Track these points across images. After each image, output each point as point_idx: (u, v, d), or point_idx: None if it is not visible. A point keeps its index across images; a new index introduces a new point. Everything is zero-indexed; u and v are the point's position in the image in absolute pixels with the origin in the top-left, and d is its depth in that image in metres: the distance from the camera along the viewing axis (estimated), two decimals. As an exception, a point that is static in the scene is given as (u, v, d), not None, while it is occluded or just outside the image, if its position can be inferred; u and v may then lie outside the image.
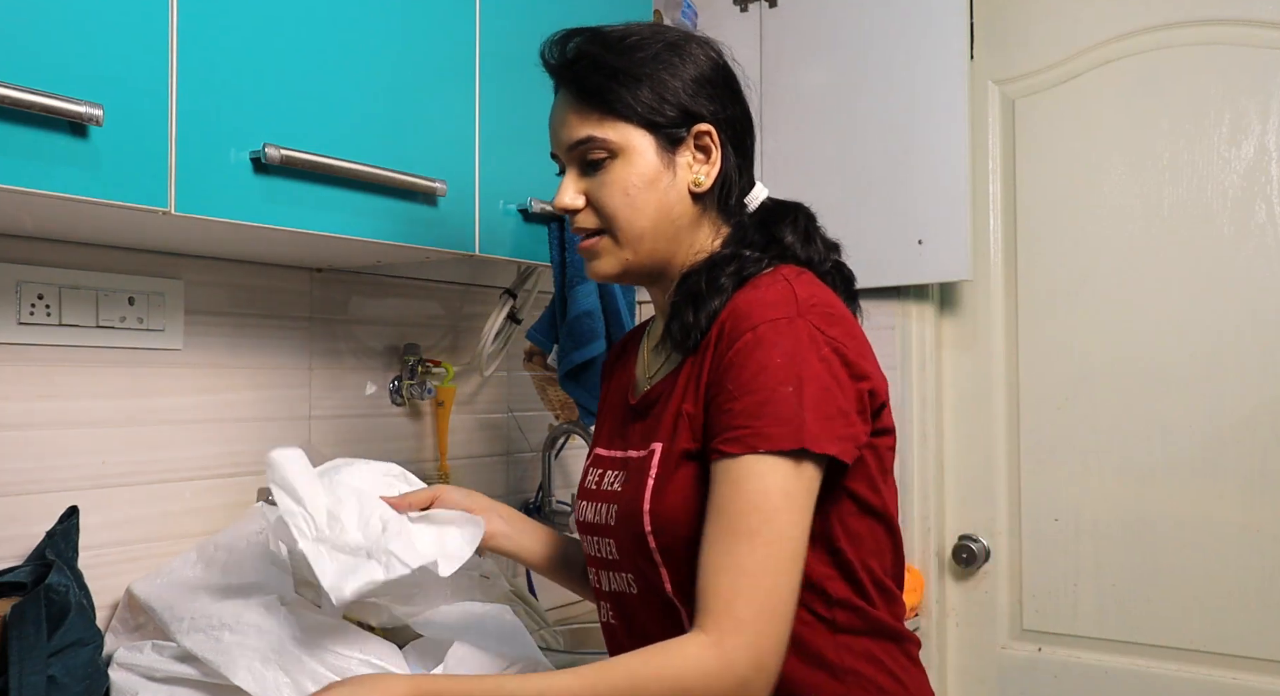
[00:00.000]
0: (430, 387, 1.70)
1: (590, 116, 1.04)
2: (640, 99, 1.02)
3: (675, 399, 1.01)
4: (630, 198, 1.03)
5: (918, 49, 1.92)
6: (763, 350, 0.93)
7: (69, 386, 1.28)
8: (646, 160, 1.03)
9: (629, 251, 1.05)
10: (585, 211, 1.06)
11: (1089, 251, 1.89)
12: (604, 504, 1.06)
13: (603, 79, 1.03)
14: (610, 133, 1.03)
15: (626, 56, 1.03)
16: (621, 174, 1.03)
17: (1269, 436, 1.73)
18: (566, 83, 1.06)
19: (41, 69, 0.91)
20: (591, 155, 1.04)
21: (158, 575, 1.30)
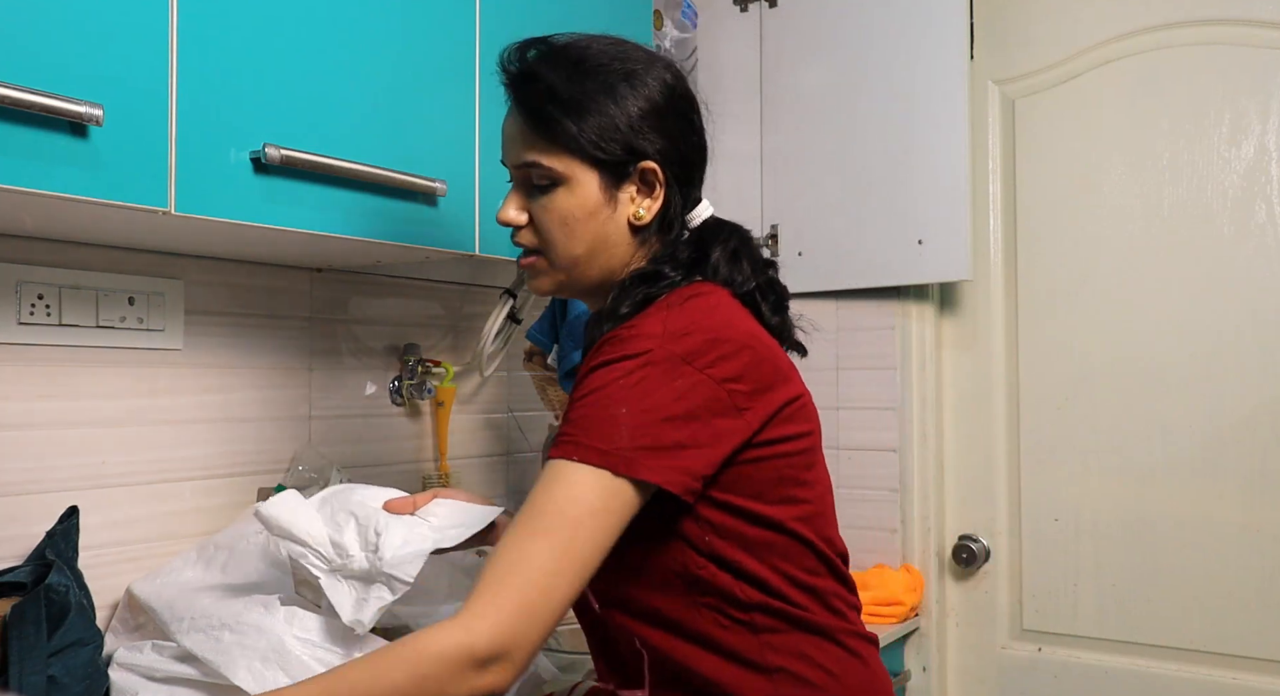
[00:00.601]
0: (430, 387, 1.70)
1: (537, 143, 1.05)
2: (586, 134, 1.03)
3: None
4: (568, 227, 1.05)
5: (918, 49, 1.92)
6: (612, 370, 0.94)
7: (69, 386, 1.28)
8: (588, 193, 1.05)
9: (562, 274, 1.09)
10: (526, 229, 1.09)
11: (1089, 251, 1.89)
12: None
13: (553, 109, 1.03)
14: (555, 163, 1.04)
15: (578, 84, 1.04)
16: (563, 203, 1.05)
17: (1269, 436, 1.73)
18: (519, 100, 1.07)
19: (41, 69, 0.91)
20: (536, 179, 1.06)
21: (158, 575, 1.30)
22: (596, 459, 0.90)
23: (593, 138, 1.03)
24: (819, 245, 2.00)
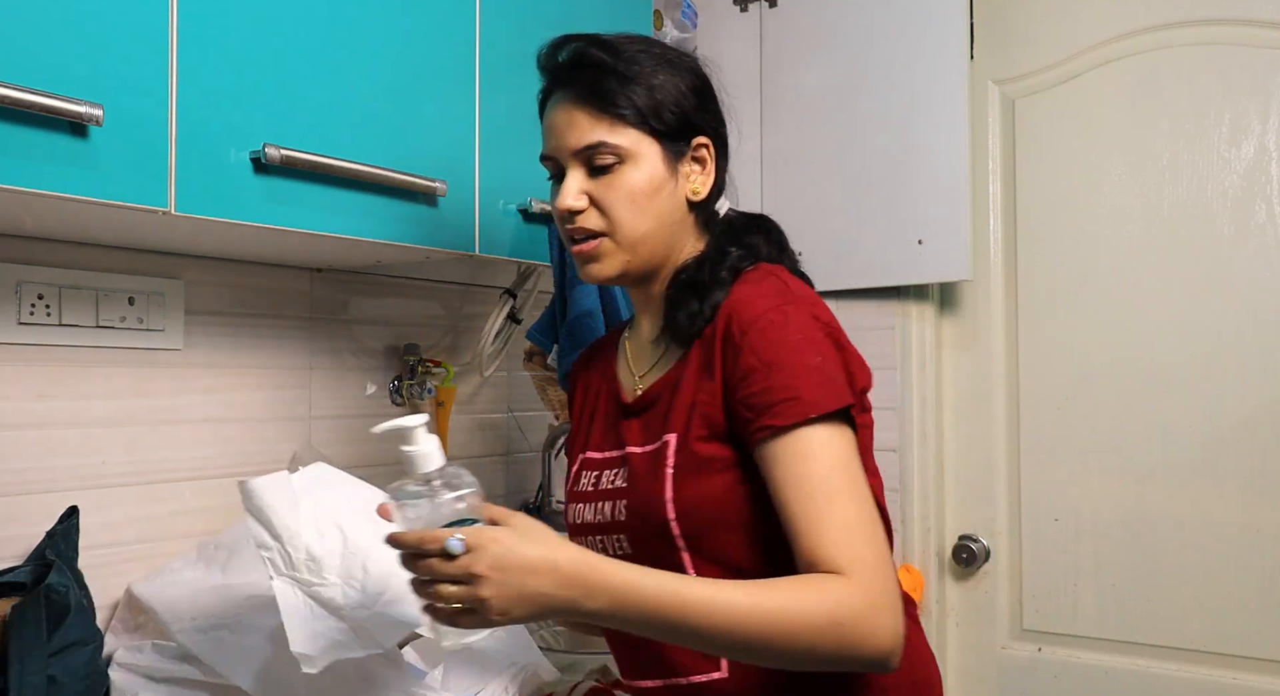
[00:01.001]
0: (430, 387, 1.70)
1: (601, 121, 1.06)
2: (650, 106, 1.07)
3: (684, 392, 1.05)
4: (636, 203, 1.07)
5: (918, 49, 1.92)
6: (777, 330, 0.99)
7: (69, 386, 1.28)
8: (654, 167, 1.07)
9: (628, 254, 1.09)
10: (588, 212, 1.08)
11: (1089, 251, 1.89)
12: (607, 502, 1.08)
13: (615, 84, 1.06)
14: (622, 138, 1.06)
15: (635, 64, 1.07)
16: (630, 179, 1.07)
17: (1269, 436, 1.73)
18: (573, 85, 1.08)
19: (41, 69, 0.91)
20: (599, 160, 1.06)
21: (158, 575, 1.30)
22: (833, 404, 0.97)
23: (654, 108, 1.07)
24: (819, 245, 2.00)
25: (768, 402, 0.97)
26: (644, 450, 1.07)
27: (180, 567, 1.31)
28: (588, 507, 1.11)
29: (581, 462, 1.16)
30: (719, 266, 1.08)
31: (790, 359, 0.98)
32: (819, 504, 0.95)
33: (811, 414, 0.96)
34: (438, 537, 0.87)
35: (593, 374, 1.24)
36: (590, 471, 1.14)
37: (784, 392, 0.96)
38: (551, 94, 1.11)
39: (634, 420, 1.11)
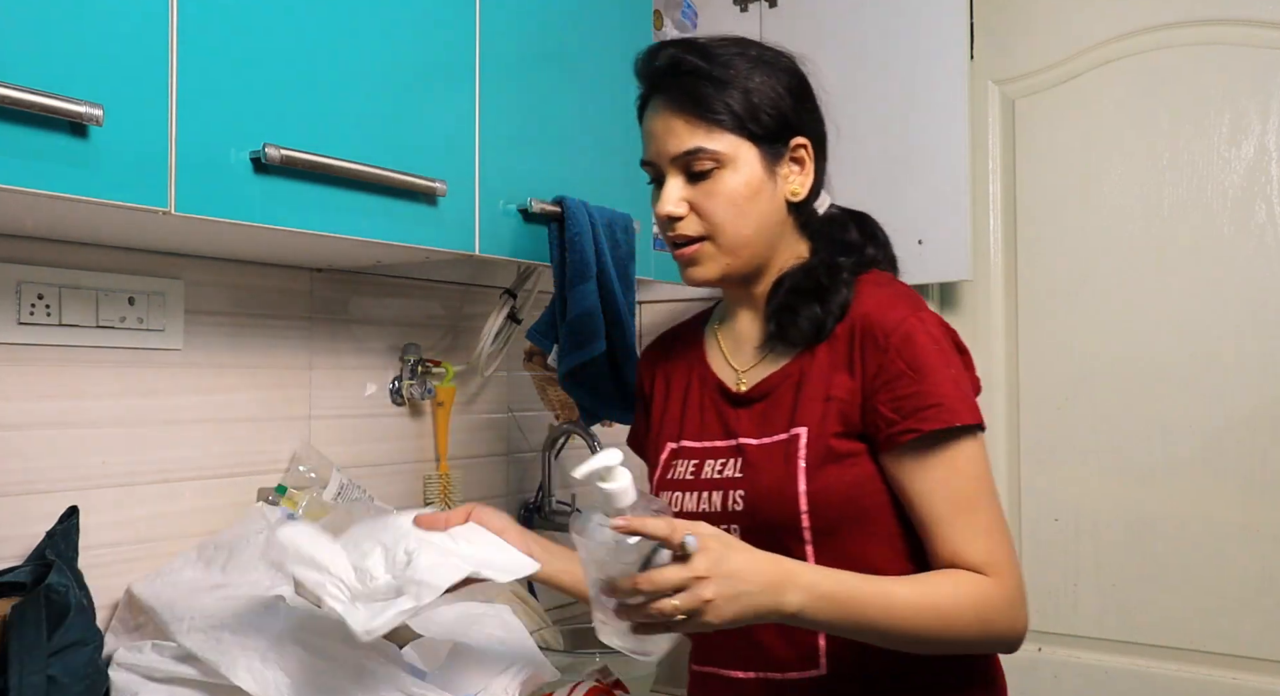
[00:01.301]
0: (430, 387, 1.70)
1: (698, 127, 1.09)
2: (746, 110, 1.09)
3: (813, 386, 1.08)
4: (737, 207, 1.09)
5: (918, 49, 1.92)
6: (921, 338, 1.05)
7: (69, 386, 1.28)
8: (752, 171, 1.10)
9: (729, 257, 1.12)
10: (688, 218, 1.11)
11: (1089, 251, 1.89)
12: (716, 491, 1.11)
13: (710, 90, 1.08)
14: (719, 144, 1.08)
15: (730, 68, 1.09)
16: (729, 184, 1.09)
17: (1269, 436, 1.73)
18: (670, 91, 1.10)
19: (41, 69, 0.91)
20: (698, 166, 1.09)
21: (158, 575, 1.30)
22: (972, 418, 1.03)
23: (750, 112, 1.08)
24: (819, 245, 1.99)
25: (915, 407, 1.02)
26: (767, 441, 1.10)
27: (180, 567, 1.31)
28: (688, 496, 1.13)
29: (674, 451, 1.18)
30: (836, 272, 1.11)
31: (935, 367, 1.03)
32: (962, 508, 1.02)
33: (956, 422, 1.02)
34: (675, 529, 0.91)
35: (675, 364, 1.26)
36: (687, 459, 1.16)
37: (931, 399, 1.02)
38: (649, 100, 1.14)
39: (743, 411, 1.14)
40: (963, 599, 1.00)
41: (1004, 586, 1.02)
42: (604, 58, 1.61)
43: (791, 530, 1.06)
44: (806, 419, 1.08)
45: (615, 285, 1.51)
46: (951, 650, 1.04)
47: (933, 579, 1.02)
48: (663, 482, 1.17)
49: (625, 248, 1.56)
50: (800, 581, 0.96)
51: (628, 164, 1.70)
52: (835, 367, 1.08)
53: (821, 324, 1.09)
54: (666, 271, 1.83)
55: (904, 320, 1.05)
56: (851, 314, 1.09)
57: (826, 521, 1.05)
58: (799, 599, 0.95)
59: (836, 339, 1.09)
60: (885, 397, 1.04)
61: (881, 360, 1.05)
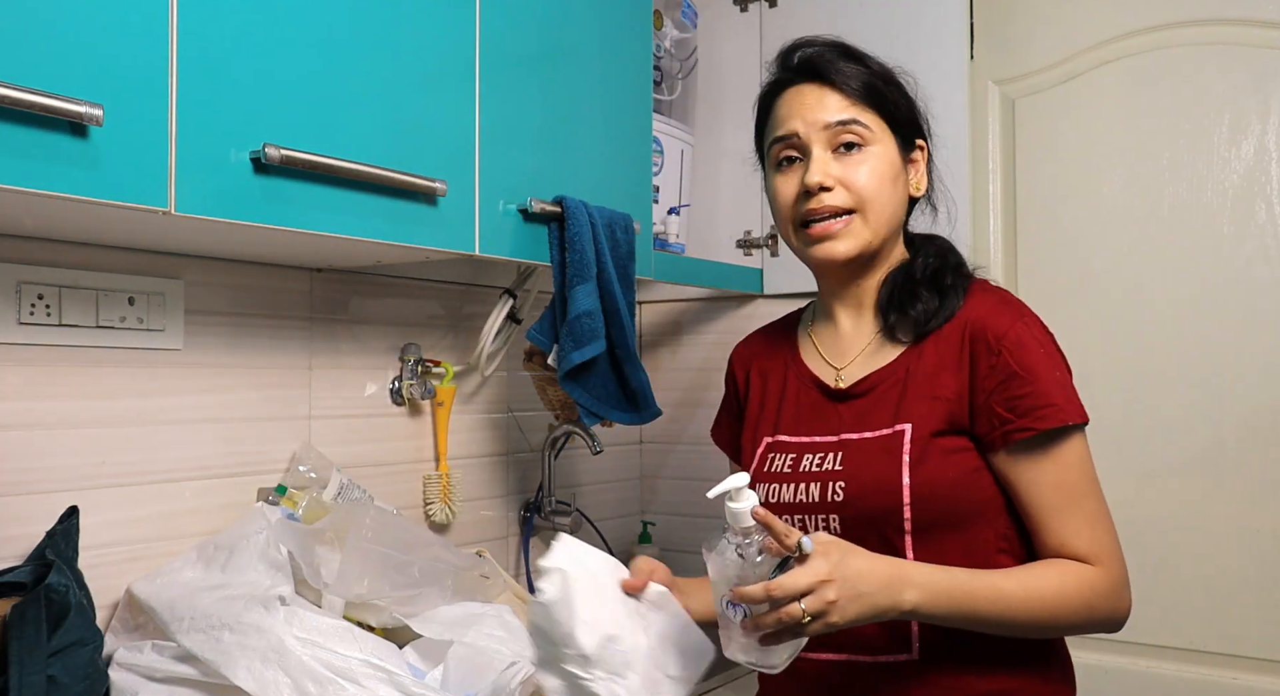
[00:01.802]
0: (430, 387, 1.70)
1: (854, 102, 1.15)
2: (892, 101, 1.17)
3: (918, 384, 1.12)
4: (885, 185, 1.15)
5: (918, 49, 1.91)
6: (1032, 342, 1.10)
7: (69, 386, 1.28)
8: (894, 157, 1.17)
9: (871, 234, 1.16)
10: (836, 190, 1.14)
11: (1089, 251, 1.89)
12: (815, 483, 1.14)
13: (864, 73, 1.16)
14: (873, 121, 1.15)
15: (873, 65, 1.18)
16: (878, 161, 1.15)
17: (1270, 436, 1.73)
18: (821, 72, 1.17)
19: (41, 69, 0.91)
20: (848, 137, 1.14)
21: (158, 575, 1.30)
22: (1082, 417, 1.09)
23: (895, 102, 1.16)
24: (819, 245, 1.99)
25: (1030, 407, 1.07)
26: (870, 436, 1.13)
27: (180, 567, 1.31)
28: (785, 487, 1.16)
29: (770, 445, 1.22)
30: (956, 273, 1.17)
31: (1047, 370, 1.09)
32: (1070, 500, 1.08)
33: (1069, 421, 1.08)
34: (789, 532, 0.96)
35: (770, 361, 1.30)
36: (784, 453, 1.19)
37: (1045, 399, 1.07)
38: (790, 84, 1.20)
39: (844, 406, 1.18)
40: (1069, 588, 1.06)
41: (1109, 574, 1.08)
42: (604, 58, 1.61)
43: (893, 522, 1.09)
44: (912, 415, 1.12)
45: (615, 285, 1.51)
46: (1057, 634, 1.12)
47: (1039, 569, 1.08)
48: (759, 475, 1.20)
49: (625, 248, 1.56)
50: (915, 579, 1.01)
51: (628, 164, 1.70)
52: (943, 368, 1.12)
53: (932, 316, 1.13)
54: (666, 271, 1.84)
55: (1013, 325, 1.11)
56: (961, 318, 1.13)
57: (928, 514, 1.09)
58: (915, 596, 1.00)
59: (945, 340, 1.13)
60: (1000, 398, 1.09)
61: (994, 362, 1.09)
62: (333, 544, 1.33)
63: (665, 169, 1.97)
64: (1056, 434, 1.08)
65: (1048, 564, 1.09)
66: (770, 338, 1.35)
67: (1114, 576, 1.09)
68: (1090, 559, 1.08)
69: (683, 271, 1.91)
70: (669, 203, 2.00)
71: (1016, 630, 1.07)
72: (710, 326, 2.21)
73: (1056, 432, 1.08)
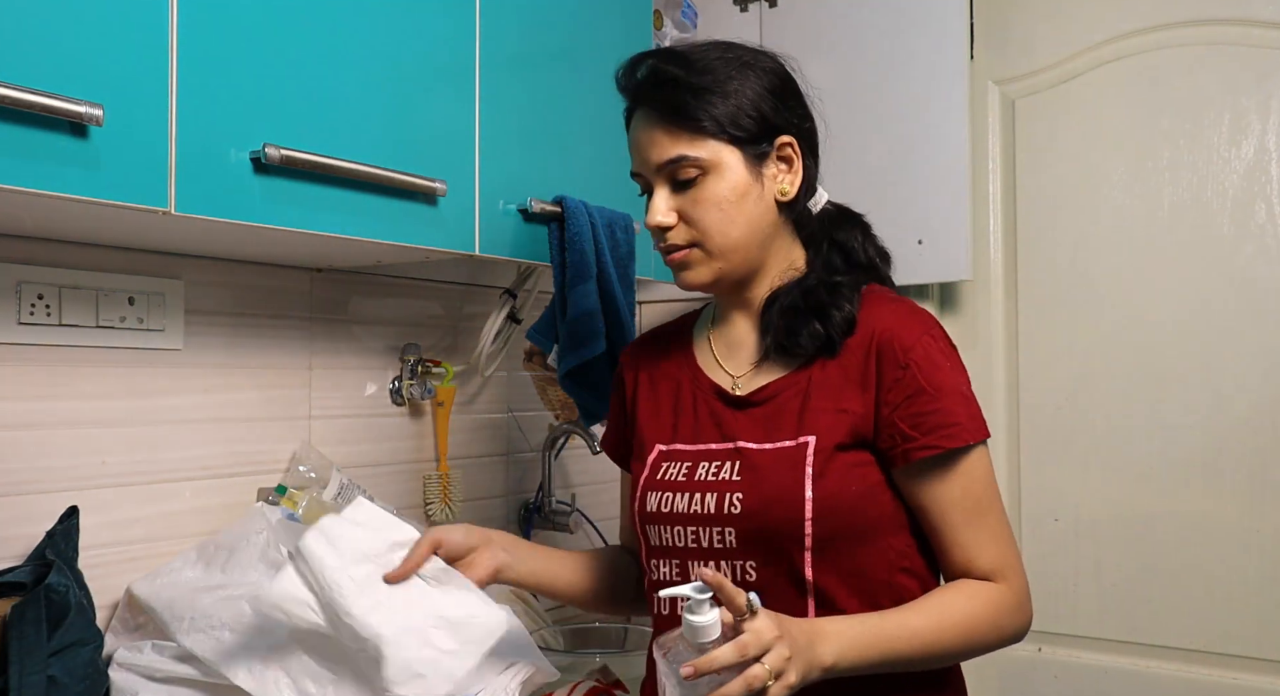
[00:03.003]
0: (430, 387, 1.70)
1: (680, 136, 1.09)
2: (726, 114, 1.09)
3: (822, 397, 1.09)
4: (723, 211, 1.10)
5: (918, 49, 1.92)
6: (936, 357, 1.08)
7: (69, 386, 1.28)
8: (736, 175, 1.10)
9: (720, 261, 1.12)
10: (677, 227, 1.12)
11: (1089, 251, 1.89)
12: (711, 493, 1.10)
13: (689, 98, 1.09)
14: (701, 150, 1.09)
15: (709, 74, 1.10)
16: (714, 190, 1.10)
17: (1269, 436, 1.73)
18: (650, 103, 1.12)
19: (41, 69, 0.91)
20: (682, 174, 1.10)
21: (158, 575, 1.30)
22: (986, 433, 1.09)
23: (730, 116, 1.09)
24: (819, 245, 1.99)
25: (936, 425, 1.06)
26: (770, 447, 1.09)
27: (180, 567, 1.31)
28: (680, 496, 1.12)
29: (664, 453, 1.17)
30: (836, 289, 1.12)
31: (951, 386, 1.07)
32: (973, 517, 1.07)
33: (974, 440, 1.07)
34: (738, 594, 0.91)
35: (660, 365, 1.24)
36: (679, 462, 1.15)
37: (950, 417, 1.06)
38: (633, 112, 1.15)
39: (742, 414, 1.13)
40: (977, 611, 1.05)
41: (1013, 589, 1.07)
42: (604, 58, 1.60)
43: (793, 537, 1.05)
44: (815, 428, 1.08)
45: (615, 285, 1.51)
46: (970, 657, 1.08)
47: (946, 597, 1.06)
48: (651, 483, 1.16)
49: (625, 248, 1.56)
50: (827, 631, 0.98)
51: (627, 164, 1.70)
52: (848, 381, 1.09)
53: (827, 338, 1.10)
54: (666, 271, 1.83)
55: (920, 338, 1.08)
56: (865, 329, 1.10)
57: (829, 529, 1.05)
58: (832, 648, 0.97)
59: (848, 352, 1.10)
60: (904, 414, 1.06)
61: (900, 376, 1.06)
62: (333, 544, 1.33)
63: (665, 169, 1.97)
64: (961, 451, 1.06)
65: (955, 589, 1.07)
66: (662, 339, 1.29)
67: (1017, 590, 1.08)
68: (994, 575, 1.07)
69: (683, 271, 1.91)
70: (669, 203, 1.99)
71: (932, 662, 1.05)
72: (710, 326, 2.21)
73: (960, 450, 1.06)
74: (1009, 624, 1.07)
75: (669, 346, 1.26)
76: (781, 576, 1.07)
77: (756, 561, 1.08)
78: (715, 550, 1.09)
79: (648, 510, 1.15)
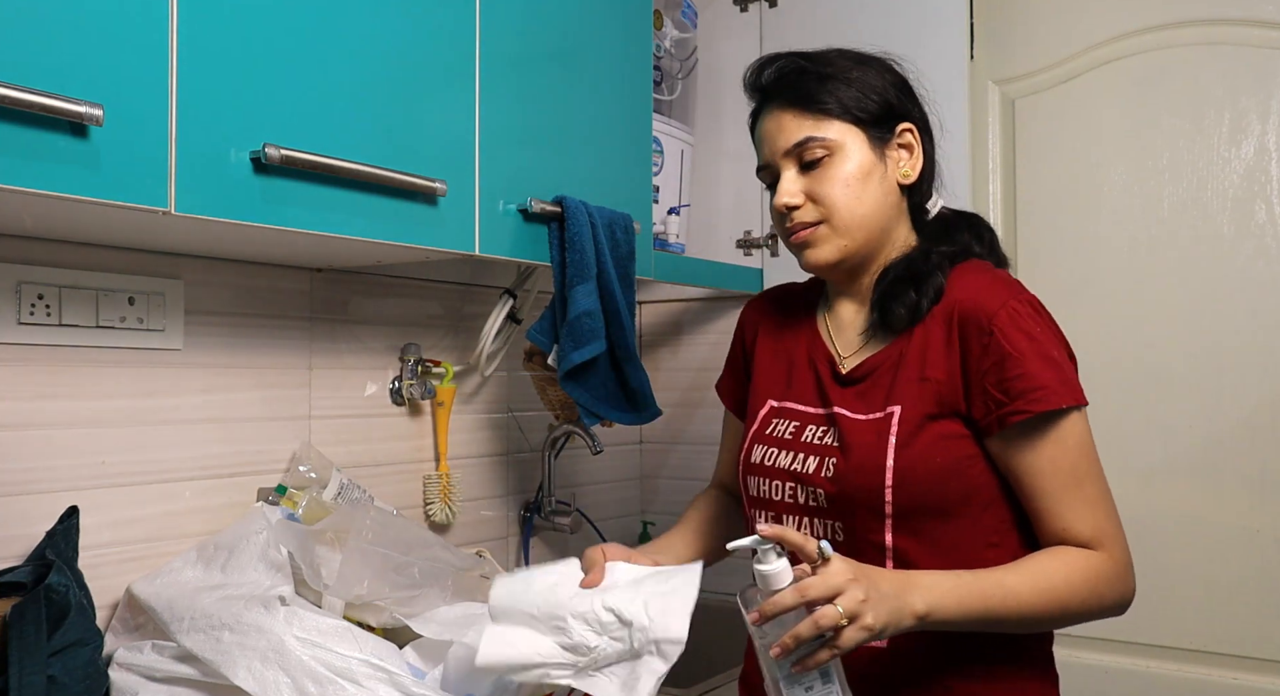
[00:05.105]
0: (430, 387, 1.70)
1: (806, 119, 1.15)
2: (850, 98, 1.14)
3: (910, 367, 1.11)
4: (850, 188, 1.14)
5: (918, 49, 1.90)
6: (1025, 320, 1.08)
7: (69, 386, 1.28)
8: (862, 155, 1.15)
9: (845, 238, 1.16)
10: (805, 207, 1.16)
11: (1089, 251, 1.89)
12: (814, 456, 1.14)
13: (814, 84, 1.15)
14: (828, 131, 1.14)
15: (831, 65, 1.16)
16: (840, 168, 1.14)
17: (1269, 436, 1.73)
18: (778, 94, 1.17)
19: (41, 69, 0.91)
20: (809, 155, 1.14)
21: (158, 575, 1.30)
22: (1080, 398, 1.07)
23: (856, 100, 1.14)
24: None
25: (1024, 388, 1.05)
26: (863, 417, 1.13)
27: (180, 567, 1.31)
28: (785, 454, 1.17)
29: (775, 409, 1.22)
30: (929, 258, 1.14)
31: (1040, 350, 1.07)
32: (1070, 484, 1.07)
33: (1065, 403, 1.06)
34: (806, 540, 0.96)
35: (787, 328, 1.29)
36: (788, 420, 1.20)
37: (1038, 380, 1.05)
38: (761, 109, 1.20)
39: (845, 390, 1.17)
40: (1076, 578, 1.05)
41: (1113, 558, 1.07)
42: (604, 57, 1.61)
43: (873, 506, 1.08)
44: (902, 398, 1.11)
45: (615, 285, 1.51)
46: (1067, 624, 1.09)
47: (1044, 561, 1.06)
48: (759, 436, 1.21)
49: (625, 248, 1.56)
50: (921, 581, 1.01)
51: (628, 164, 1.70)
52: (932, 349, 1.11)
53: (916, 306, 1.12)
54: (666, 271, 1.84)
55: (1006, 303, 1.09)
56: (950, 298, 1.12)
57: (909, 499, 1.08)
58: (925, 598, 0.99)
59: (933, 321, 1.12)
60: (993, 380, 1.07)
61: (986, 342, 1.08)
62: (333, 544, 1.34)
63: (665, 169, 1.97)
64: (1052, 416, 1.06)
65: (1051, 554, 1.07)
66: (787, 306, 1.33)
67: (1118, 560, 1.07)
68: (1093, 544, 1.07)
69: (683, 271, 1.91)
70: (669, 203, 2.00)
71: (1028, 626, 1.06)
72: (710, 326, 2.21)
73: (1053, 414, 1.06)
74: (1109, 592, 1.07)
75: (793, 314, 1.30)
76: (865, 543, 1.10)
77: (842, 524, 1.12)
78: (809, 507, 1.14)
79: (752, 461, 1.20)
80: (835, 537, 1.12)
